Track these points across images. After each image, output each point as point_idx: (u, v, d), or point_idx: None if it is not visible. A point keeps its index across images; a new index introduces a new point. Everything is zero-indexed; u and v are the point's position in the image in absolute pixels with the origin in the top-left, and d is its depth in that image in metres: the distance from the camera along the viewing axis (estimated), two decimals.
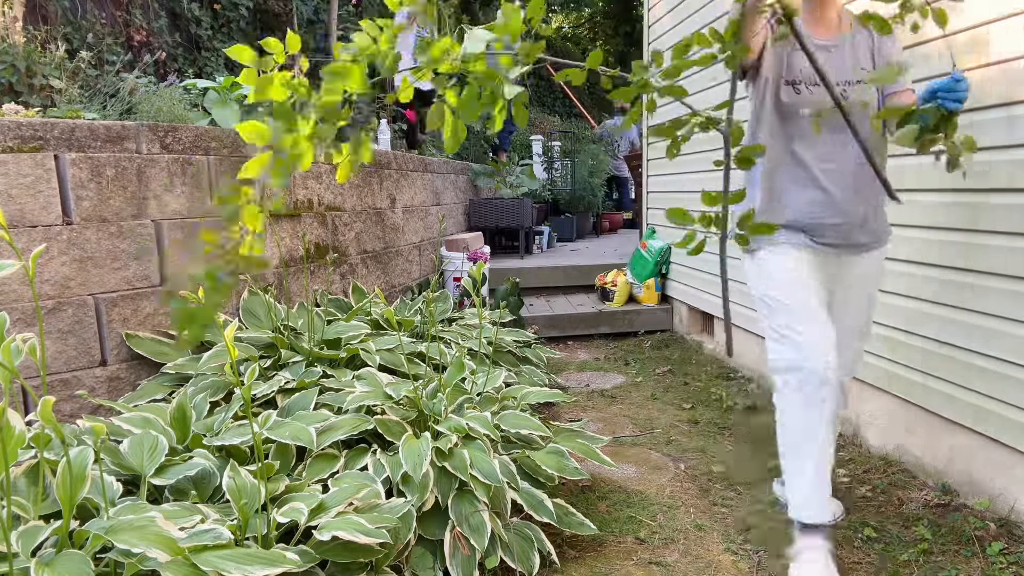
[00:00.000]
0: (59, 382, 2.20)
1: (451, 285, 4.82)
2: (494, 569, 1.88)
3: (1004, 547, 2.03)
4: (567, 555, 2.12)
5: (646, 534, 2.24)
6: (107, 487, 1.60)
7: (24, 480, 1.61)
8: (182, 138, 2.57)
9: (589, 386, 3.84)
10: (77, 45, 5.38)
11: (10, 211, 2.08)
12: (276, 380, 2.35)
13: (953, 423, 2.37)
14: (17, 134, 2.11)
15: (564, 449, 2.26)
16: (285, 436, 1.95)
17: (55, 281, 2.19)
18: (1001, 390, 2.16)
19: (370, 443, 2.15)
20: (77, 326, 2.24)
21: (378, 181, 4.15)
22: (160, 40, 6.52)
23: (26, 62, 3.99)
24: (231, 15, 7.26)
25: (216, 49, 7.09)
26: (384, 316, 3.10)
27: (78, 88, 3.81)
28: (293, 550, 1.58)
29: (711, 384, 3.79)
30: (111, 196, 2.33)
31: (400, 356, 2.69)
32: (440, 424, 2.16)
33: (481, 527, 1.87)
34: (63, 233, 2.20)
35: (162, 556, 1.33)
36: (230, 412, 2.15)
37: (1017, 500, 2.13)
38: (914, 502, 2.37)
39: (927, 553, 2.06)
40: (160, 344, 2.44)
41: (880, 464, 2.67)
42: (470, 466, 1.96)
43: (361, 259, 3.86)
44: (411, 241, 4.65)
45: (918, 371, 2.52)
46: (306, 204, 3.32)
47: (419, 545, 1.89)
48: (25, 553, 1.37)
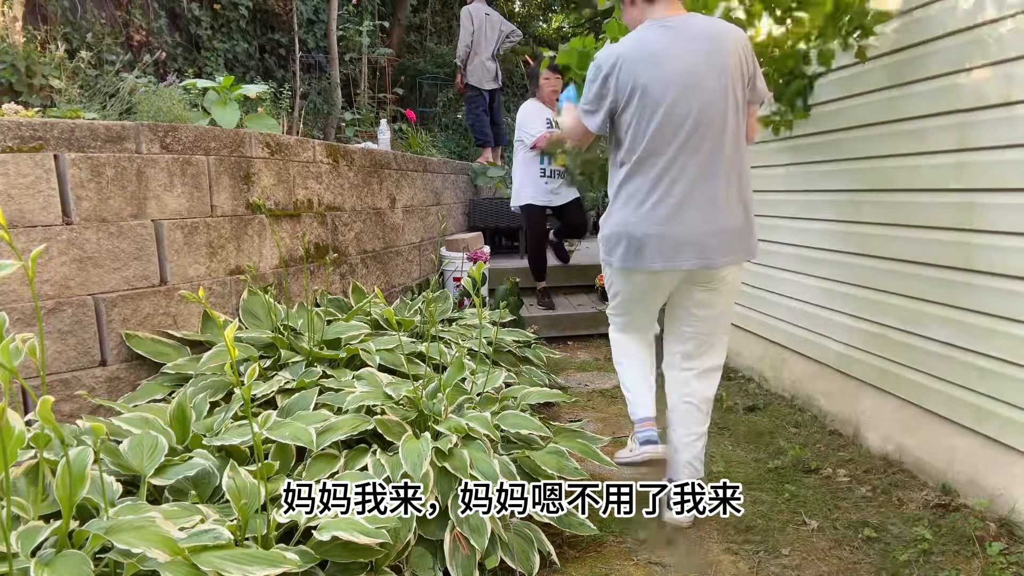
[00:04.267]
0: (59, 382, 2.20)
1: (451, 285, 4.81)
2: (494, 569, 1.88)
3: (1004, 547, 2.03)
4: (567, 555, 2.12)
5: (646, 534, 2.24)
6: (107, 487, 1.60)
7: (24, 480, 1.61)
8: (182, 138, 2.57)
9: (589, 386, 3.84)
10: (77, 45, 5.37)
11: (10, 211, 2.08)
12: (276, 380, 2.35)
13: (953, 423, 2.37)
14: (17, 134, 2.11)
15: (564, 449, 2.25)
16: (285, 436, 1.95)
17: (55, 281, 2.18)
18: (1001, 390, 2.16)
19: (370, 443, 2.14)
20: (77, 326, 2.24)
21: (378, 181, 4.14)
22: (160, 40, 6.52)
23: (26, 62, 3.99)
24: (231, 15, 7.25)
25: (216, 49, 7.09)
26: (384, 316, 3.10)
27: (78, 88, 3.81)
28: (293, 550, 1.58)
29: None
30: (111, 196, 2.33)
31: (400, 356, 2.69)
32: (440, 424, 2.16)
33: (481, 527, 1.87)
34: (63, 233, 2.20)
35: (162, 556, 1.33)
36: (230, 412, 2.15)
37: (1017, 500, 2.13)
38: (914, 502, 2.37)
39: (927, 553, 2.06)
40: (160, 344, 2.44)
41: (880, 464, 2.67)
42: (470, 466, 1.95)
43: (361, 259, 3.86)
44: (411, 241, 4.65)
45: (918, 371, 2.52)
46: (306, 204, 3.31)
47: (419, 545, 1.89)
48: (25, 553, 1.37)
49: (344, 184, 3.70)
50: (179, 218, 2.55)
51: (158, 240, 2.48)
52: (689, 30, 2.02)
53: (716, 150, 1.99)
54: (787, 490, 2.48)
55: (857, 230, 2.83)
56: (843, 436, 2.97)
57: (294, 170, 3.22)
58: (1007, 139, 2.11)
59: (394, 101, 8.51)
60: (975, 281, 2.24)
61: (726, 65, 1.99)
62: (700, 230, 2.00)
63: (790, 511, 2.36)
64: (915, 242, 2.51)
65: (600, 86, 2.07)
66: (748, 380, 3.82)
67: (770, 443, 2.95)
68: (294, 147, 3.23)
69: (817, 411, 3.22)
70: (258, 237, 2.95)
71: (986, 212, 2.20)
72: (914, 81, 2.48)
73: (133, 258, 2.39)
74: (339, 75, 7.11)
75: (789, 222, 3.36)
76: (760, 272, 3.68)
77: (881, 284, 2.70)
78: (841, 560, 2.07)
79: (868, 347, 2.80)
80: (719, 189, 2.01)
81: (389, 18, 9.83)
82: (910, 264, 2.54)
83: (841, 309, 2.97)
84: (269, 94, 4.54)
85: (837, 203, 2.97)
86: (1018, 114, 2.07)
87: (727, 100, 1.99)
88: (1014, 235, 2.09)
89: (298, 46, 7.52)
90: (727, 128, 2.00)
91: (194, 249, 2.61)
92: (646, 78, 1.97)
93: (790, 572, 2.02)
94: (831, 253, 3.02)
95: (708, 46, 2.00)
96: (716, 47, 2.00)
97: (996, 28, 2.13)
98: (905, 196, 2.56)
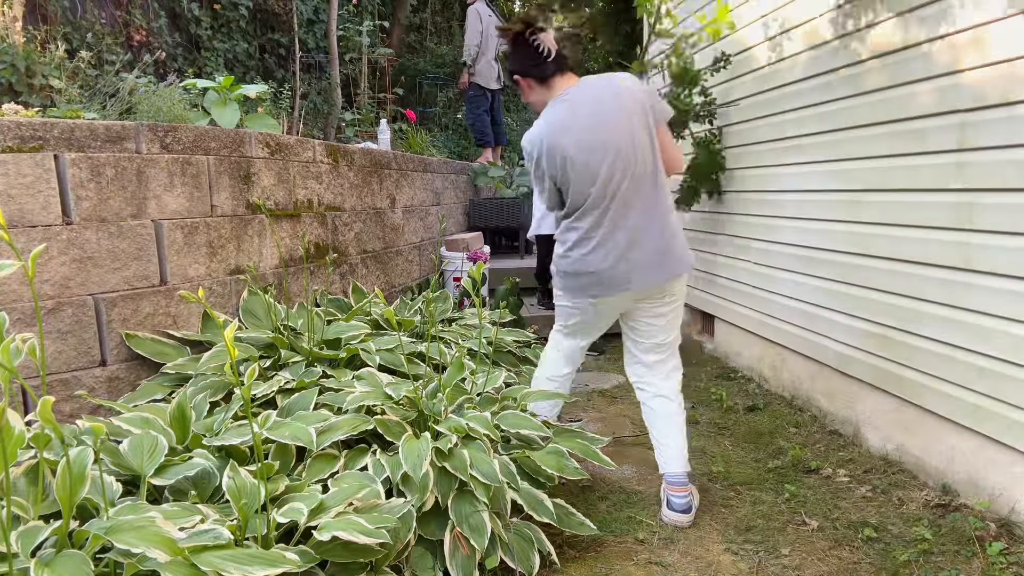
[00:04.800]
0: (59, 382, 2.20)
1: (451, 285, 4.81)
2: (494, 569, 1.88)
3: (1004, 547, 2.03)
4: (567, 555, 2.12)
5: (646, 534, 2.24)
6: (107, 487, 1.60)
7: (24, 480, 1.61)
8: (182, 138, 2.57)
9: (589, 386, 3.84)
10: (77, 45, 5.37)
11: (10, 211, 2.08)
12: (276, 380, 2.34)
13: (953, 423, 2.37)
14: (17, 134, 2.11)
15: (564, 449, 2.25)
16: (285, 436, 1.94)
17: (55, 281, 2.18)
18: (1001, 390, 2.16)
19: (370, 443, 2.14)
20: (77, 326, 2.24)
21: (378, 181, 4.14)
22: (160, 40, 6.52)
23: (26, 62, 3.99)
24: (231, 15, 7.25)
25: (216, 49, 7.09)
26: (384, 316, 3.10)
27: (78, 88, 3.81)
28: (293, 550, 1.58)
29: (711, 384, 3.78)
30: (111, 196, 2.33)
31: (400, 356, 2.69)
32: (440, 424, 2.16)
33: (481, 527, 1.87)
34: (63, 233, 2.20)
35: (162, 556, 1.33)
36: (230, 412, 2.15)
37: (1017, 500, 2.13)
38: (914, 502, 2.37)
39: (927, 553, 2.06)
40: (160, 344, 2.44)
41: (880, 464, 2.67)
42: (470, 466, 1.95)
43: (361, 259, 3.86)
44: (411, 241, 4.65)
45: (918, 371, 2.52)
46: (306, 204, 3.31)
47: (419, 545, 1.89)
48: (25, 553, 1.37)
49: (344, 184, 3.70)
50: (179, 218, 2.55)
51: (158, 240, 2.48)
52: (586, 95, 2.29)
53: (644, 192, 2.26)
54: (787, 490, 2.49)
55: (857, 230, 2.83)
56: (843, 436, 2.97)
57: (294, 170, 3.22)
58: (1007, 139, 2.11)
59: (394, 101, 8.50)
60: (975, 281, 2.24)
61: (628, 110, 2.25)
62: (645, 262, 2.27)
63: (790, 511, 2.36)
64: (915, 242, 2.51)
65: (536, 169, 2.35)
66: (748, 380, 3.82)
67: (770, 443, 2.95)
68: (294, 147, 3.23)
69: (817, 411, 3.22)
70: (258, 237, 2.95)
71: (986, 212, 2.20)
72: (914, 81, 2.49)
73: (133, 258, 2.39)
74: (339, 75, 7.10)
75: (789, 222, 3.36)
76: (760, 272, 3.68)
77: (881, 284, 2.70)
78: (841, 560, 2.07)
79: (868, 347, 2.80)
80: (653, 224, 2.27)
81: (389, 18, 9.83)
82: (910, 264, 2.54)
83: (841, 309, 2.97)
84: (269, 94, 4.54)
85: (837, 203, 2.98)
86: (1018, 114, 2.07)
87: (639, 140, 2.24)
88: (1014, 235, 2.09)
89: (298, 46, 7.52)
90: (647, 168, 2.26)
91: (194, 249, 2.61)
92: (568, 149, 2.24)
93: (790, 572, 2.02)
94: (831, 253, 3.02)
95: (609, 104, 2.25)
96: (614, 100, 2.26)
97: (996, 28, 2.13)
98: (905, 196, 2.56)
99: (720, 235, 4.19)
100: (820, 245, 3.11)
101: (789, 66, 3.32)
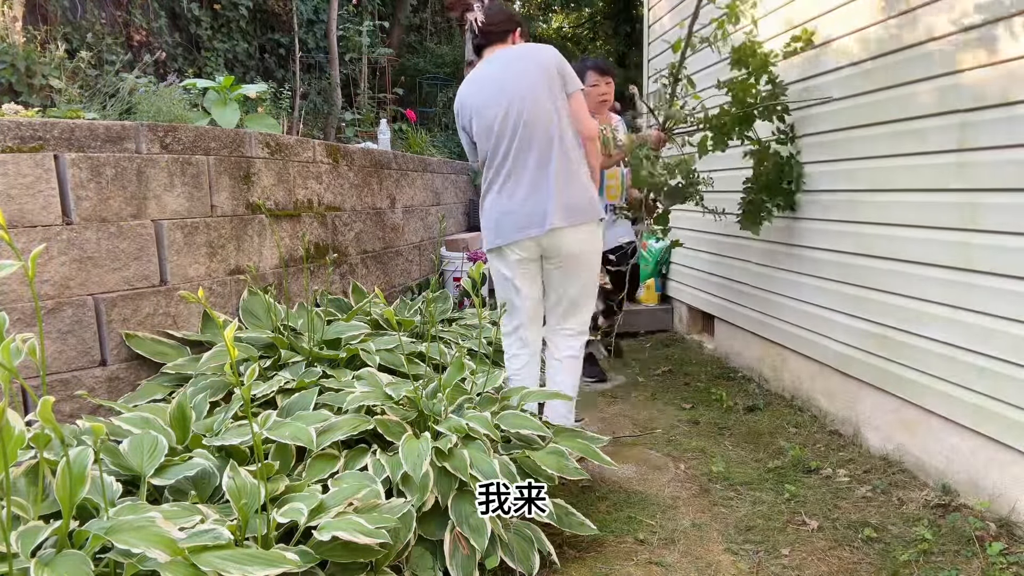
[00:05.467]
0: (59, 382, 2.20)
1: (451, 285, 4.81)
2: (494, 569, 1.88)
3: (1004, 547, 2.03)
4: (567, 555, 2.12)
5: (646, 534, 2.24)
6: (107, 487, 1.60)
7: (24, 480, 1.61)
8: (182, 138, 2.57)
9: (589, 386, 3.84)
10: (77, 45, 5.37)
11: (10, 211, 2.08)
12: (276, 380, 2.34)
13: (953, 423, 2.37)
14: (17, 134, 2.11)
15: (564, 449, 2.25)
16: (285, 436, 1.94)
17: (55, 281, 2.18)
18: (1001, 390, 2.16)
19: (370, 443, 2.14)
20: (77, 326, 2.23)
21: (378, 181, 4.14)
22: (160, 40, 6.52)
23: (26, 62, 3.99)
24: (231, 15, 7.25)
25: (216, 49, 7.09)
26: (384, 316, 3.10)
27: (78, 88, 3.81)
28: (293, 550, 1.58)
29: (711, 384, 3.78)
30: (111, 196, 2.33)
31: (400, 356, 2.69)
32: (440, 424, 2.16)
33: (481, 527, 1.87)
34: (63, 233, 2.20)
35: (162, 556, 1.33)
36: (230, 412, 2.15)
37: (1017, 500, 2.13)
38: (914, 502, 2.37)
39: (927, 553, 2.06)
40: (160, 344, 2.44)
41: (880, 464, 2.67)
42: (470, 466, 1.95)
43: (361, 259, 3.86)
44: (411, 241, 4.65)
45: (918, 371, 2.52)
46: (306, 204, 3.31)
47: (419, 545, 1.89)
48: (25, 553, 1.37)
49: (344, 184, 3.70)
50: (179, 218, 2.55)
51: (158, 240, 2.48)
52: (498, 60, 2.55)
53: (544, 143, 2.48)
54: (787, 490, 2.49)
55: (857, 230, 2.83)
56: (843, 436, 2.97)
57: (294, 170, 3.22)
58: (1007, 139, 2.11)
59: (394, 101, 8.50)
60: (975, 281, 2.24)
61: (530, 72, 2.48)
62: (542, 209, 2.47)
63: (790, 511, 2.36)
64: (915, 242, 2.51)
65: (461, 128, 2.66)
66: (748, 380, 3.82)
67: (770, 443, 2.95)
68: (294, 147, 3.23)
69: (817, 411, 3.22)
70: (258, 237, 2.95)
71: (987, 212, 2.20)
72: (914, 81, 2.48)
73: (133, 258, 2.39)
74: (339, 75, 7.11)
75: (789, 222, 3.36)
76: (761, 272, 3.68)
77: (881, 284, 2.70)
78: (841, 560, 2.07)
79: (868, 347, 2.79)
80: (552, 174, 2.47)
81: (389, 18, 9.83)
82: (910, 264, 2.53)
83: (841, 309, 2.97)
84: (269, 94, 4.54)
85: (837, 203, 2.97)
86: (1018, 114, 2.07)
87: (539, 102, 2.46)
88: (1015, 235, 2.09)
89: (298, 46, 7.52)
90: (551, 123, 2.47)
91: (194, 249, 2.61)
92: (475, 106, 2.55)
93: (790, 572, 2.02)
94: (831, 253, 3.02)
95: (514, 67, 2.51)
96: (519, 63, 2.51)
97: (996, 28, 2.13)
98: (905, 196, 2.56)
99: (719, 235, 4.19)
100: (820, 245, 3.11)
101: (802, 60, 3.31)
